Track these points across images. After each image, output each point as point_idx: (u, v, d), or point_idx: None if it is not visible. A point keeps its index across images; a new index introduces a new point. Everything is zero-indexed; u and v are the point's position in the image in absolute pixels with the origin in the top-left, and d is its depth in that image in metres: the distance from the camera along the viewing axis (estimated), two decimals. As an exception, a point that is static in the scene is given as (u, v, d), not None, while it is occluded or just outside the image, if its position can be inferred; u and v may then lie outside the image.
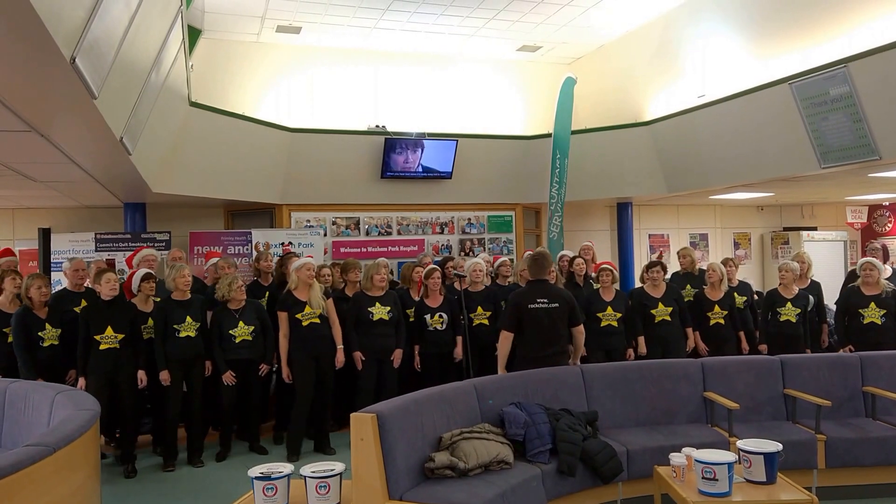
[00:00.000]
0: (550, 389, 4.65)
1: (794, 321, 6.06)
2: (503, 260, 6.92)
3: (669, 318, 6.01)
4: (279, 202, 8.32)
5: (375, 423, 3.52)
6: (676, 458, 3.75)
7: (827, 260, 10.37)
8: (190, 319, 5.36)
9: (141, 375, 5.27)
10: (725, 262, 6.58)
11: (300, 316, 5.47)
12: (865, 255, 6.92)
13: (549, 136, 8.80)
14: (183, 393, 5.54)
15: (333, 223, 8.69)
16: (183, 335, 5.33)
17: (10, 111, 3.56)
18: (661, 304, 6.02)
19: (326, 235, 8.54)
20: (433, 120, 9.57)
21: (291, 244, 7.67)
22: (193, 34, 8.11)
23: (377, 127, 8.85)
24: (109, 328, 5.13)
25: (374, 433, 3.50)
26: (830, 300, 6.65)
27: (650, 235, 10.77)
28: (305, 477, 3.24)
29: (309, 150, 8.20)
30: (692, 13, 8.06)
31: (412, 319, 6.07)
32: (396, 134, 8.55)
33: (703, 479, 3.48)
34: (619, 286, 6.36)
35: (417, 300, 6.15)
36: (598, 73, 9.78)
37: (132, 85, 4.23)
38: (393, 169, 8.52)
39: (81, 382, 5.03)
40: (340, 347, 5.65)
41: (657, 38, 8.68)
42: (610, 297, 6.08)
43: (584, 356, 6.00)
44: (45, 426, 3.93)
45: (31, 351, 5.10)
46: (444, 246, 9.11)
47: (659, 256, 7.75)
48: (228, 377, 5.48)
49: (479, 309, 6.12)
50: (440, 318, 5.97)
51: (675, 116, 8.01)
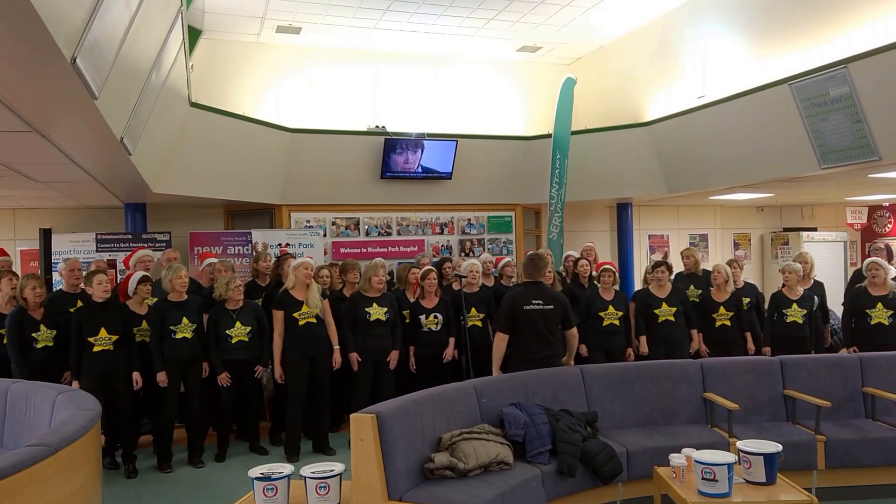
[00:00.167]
0: (550, 390, 4.65)
1: (800, 322, 6.01)
2: (507, 260, 6.93)
3: (673, 318, 5.99)
4: (279, 202, 8.32)
5: (375, 423, 3.53)
6: (676, 458, 3.75)
7: (827, 261, 10.36)
8: (186, 321, 5.36)
9: (136, 377, 5.26)
10: (730, 263, 6.56)
11: (297, 315, 5.47)
12: (868, 255, 6.89)
13: (549, 136, 8.80)
14: (181, 394, 5.55)
15: (333, 224, 8.69)
16: (179, 336, 5.33)
17: (10, 111, 3.56)
18: (665, 304, 6.02)
19: (326, 236, 8.54)
20: (433, 120, 9.57)
21: (288, 245, 7.67)
22: (193, 34, 8.11)
23: (377, 127, 8.85)
24: (103, 330, 5.10)
25: (373, 434, 3.50)
26: (831, 301, 6.65)
27: (650, 236, 10.77)
28: (305, 477, 3.24)
29: (309, 150, 8.20)
30: (692, 14, 8.06)
31: (408, 321, 6.06)
32: (396, 134, 8.55)
33: (702, 479, 3.48)
34: (618, 286, 6.36)
35: (413, 301, 6.14)
36: (598, 73, 9.78)
37: (132, 85, 4.23)
38: (393, 169, 8.52)
39: (75, 385, 4.98)
40: (337, 348, 5.66)
41: (657, 38, 8.68)
42: (610, 296, 6.09)
43: (584, 356, 6.04)
44: (46, 426, 3.93)
45: (24, 352, 5.06)
46: (444, 247, 9.11)
47: (665, 256, 7.74)
48: (224, 378, 5.48)
49: (472, 310, 6.12)
50: (435, 318, 5.96)
51: (675, 117, 8.01)
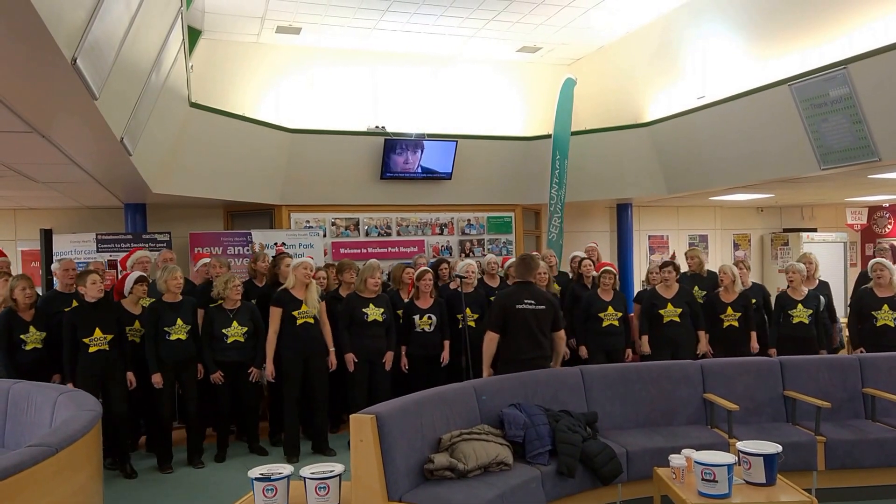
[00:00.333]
0: (550, 390, 4.65)
1: (806, 323, 5.93)
2: (513, 261, 6.92)
3: (678, 319, 5.97)
4: (279, 203, 8.32)
5: (375, 424, 3.53)
6: (676, 459, 3.75)
7: (827, 261, 10.33)
8: (181, 322, 5.34)
9: (130, 377, 5.24)
10: (737, 263, 6.53)
11: (296, 314, 5.46)
12: (873, 256, 6.86)
13: (548, 136, 8.80)
14: (179, 395, 5.54)
15: (333, 224, 8.69)
16: (174, 338, 5.31)
17: (11, 112, 3.56)
18: (670, 304, 6.00)
19: (326, 236, 8.54)
20: (433, 121, 9.57)
21: (284, 244, 7.66)
22: (193, 35, 8.11)
23: (377, 128, 8.85)
24: (98, 330, 5.07)
25: (373, 434, 3.50)
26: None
27: (650, 236, 10.77)
28: (305, 478, 3.24)
29: (308, 150, 8.20)
30: (692, 14, 8.07)
31: (401, 321, 6.03)
32: (396, 135, 8.55)
33: (702, 480, 3.48)
34: (618, 287, 6.36)
35: (407, 301, 6.12)
36: (598, 74, 9.79)
37: (133, 86, 4.23)
38: (392, 170, 8.53)
39: (70, 387, 4.88)
40: (332, 350, 5.65)
41: (657, 39, 8.68)
42: (609, 297, 6.09)
43: (585, 357, 6.04)
44: (47, 426, 3.94)
45: (12, 354, 5.01)
46: (444, 247, 9.11)
47: (673, 257, 7.73)
48: (217, 377, 5.48)
49: (467, 311, 6.11)
50: (429, 319, 5.94)
51: (675, 117, 8.01)
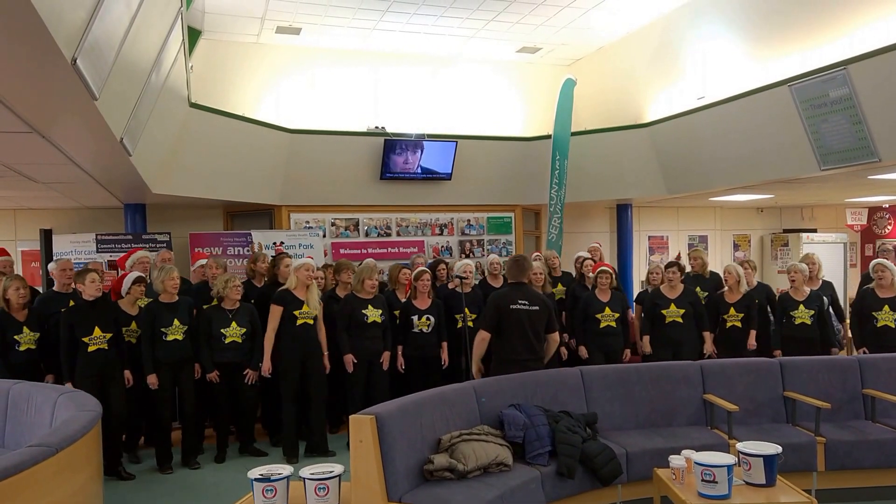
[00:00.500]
0: (550, 391, 4.65)
1: (809, 323, 5.91)
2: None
3: (681, 319, 5.97)
4: (278, 203, 8.32)
5: (374, 424, 3.53)
6: (676, 460, 3.75)
7: (826, 262, 10.32)
8: (177, 322, 5.34)
9: (127, 375, 5.23)
10: (743, 264, 6.52)
11: (297, 313, 5.46)
12: (875, 256, 6.86)
13: (548, 137, 8.80)
14: (177, 395, 5.54)
15: (333, 224, 8.69)
16: (171, 338, 5.31)
17: (11, 112, 3.56)
18: (673, 305, 6.01)
19: (325, 237, 8.54)
20: (433, 121, 9.57)
21: (283, 244, 7.66)
22: (193, 35, 8.11)
23: (377, 128, 8.85)
24: (97, 329, 5.05)
25: (373, 435, 3.50)
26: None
27: (650, 237, 10.77)
28: (304, 479, 3.24)
29: (308, 151, 8.20)
30: (692, 15, 8.07)
31: (398, 321, 6.02)
32: (396, 135, 8.55)
33: (702, 481, 3.48)
34: (615, 285, 6.35)
35: (404, 301, 6.11)
36: (597, 74, 9.79)
37: (132, 86, 4.23)
38: (392, 170, 8.52)
39: (68, 386, 4.89)
40: (326, 353, 5.65)
41: (657, 39, 8.68)
42: (606, 297, 6.09)
43: (584, 357, 6.04)
44: (47, 427, 3.94)
45: (5, 354, 4.99)
46: (443, 248, 9.11)
47: (678, 257, 7.73)
48: (213, 377, 5.47)
49: (466, 311, 6.09)
50: (427, 320, 5.93)
51: (674, 118, 8.01)
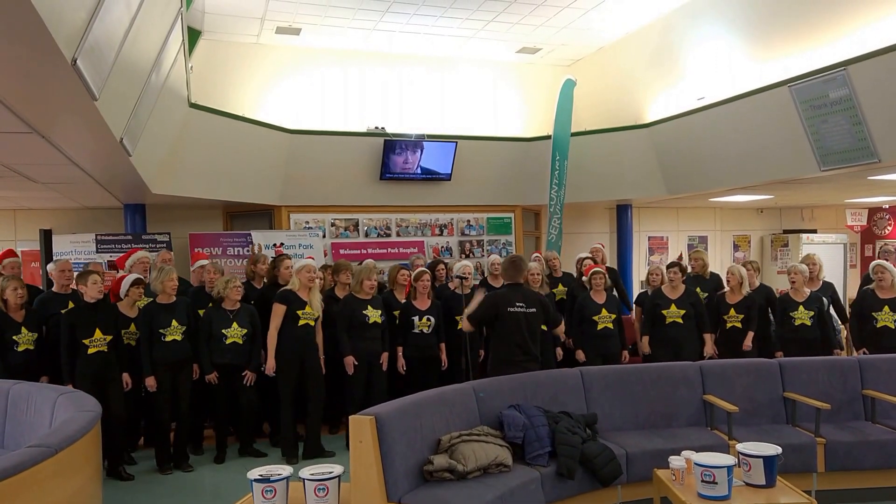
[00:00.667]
0: (550, 392, 4.65)
1: (808, 324, 5.88)
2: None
3: (682, 320, 5.96)
4: (278, 203, 8.32)
5: (374, 425, 3.53)
6: (676, 461, 3.74)
7: (827, 263, 10.32)
8: (176, 323, 5.32)
9: (126, 378, 5.22)
10: (746, 265, 6.50)
11: (300, 313, 5.45)
12: (877, 257, 6.84)
13: (548, 137, 8.80)
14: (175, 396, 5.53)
15: (332, 225, 8.69)
16: (169, 339, 5.29)
17: (11, 112, 3.56)
18: (674, 305, 6.00)
19: (325, 237, 8.54)
20: (432, 121, 9.58)
21: (283, 244, 7.66)
22: (193, 35, 8.11)
23: (377, 128, 8.85)
24: (98, 331, 5.04)
25: (372, 435, 3.50)
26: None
27: (650, 238, 10.77)
28: (304, 479, 3.24)
29: (308, 151, 8.20)
30: (692, 15, 8.07)
31: (398, 322, 6.01)
32: (396, 135, 8.55)
33: (702, 482, 3.48)
34: (608, 284, 6.37)
35: (404, 302, 6.10)
36: (597, 75, 9.79)
37: (132, 86, 4.23)
38: (392, 170, 8.53)
39: (69, 388, 4.89)
40: (322, 357, 5.64)
41: (657, 40, 8.68)
42: (602, 299, 6.08)
43: (582, 360, 6.03)
44: (46, 427, 3.93)
45: (3, 355, 4.98)
46: (443, 248, 9.11)
47: (680, 258, 7.74)
48: (213, 378, 5.47)
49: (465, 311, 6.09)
50: (428, 321, 5.92)
51: (674, 119, 8.02)
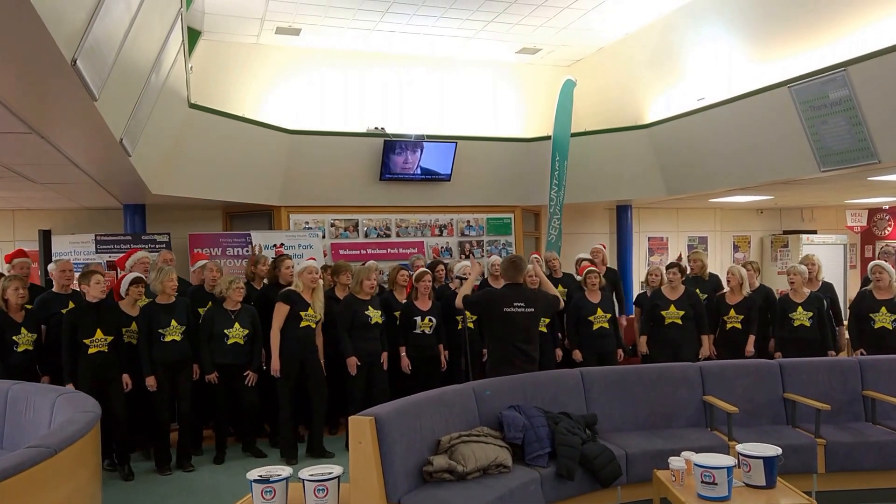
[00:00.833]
0: (549, 392, 4.64)
1: (807, 325, 5.88)
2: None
3: (681, 321, 5.96)
4: (278, 204, 8.32)
5: (374, 426, 3.52)
6: (676, 461, 3.74)
7: (826, 263, 10.32)
8: (175, 323, 5.32)
9: (126, 379, 5.22)
10: (746, 265, 6.50)
11: (303, 314, 5.45)
12: (877, 258, 6.83)
13: (548, 138, 8.80)
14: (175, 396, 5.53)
15: (332, 225, 8.68)
16: (168, 339, 5.29)
17: (10, 113, 3.56)
18: (673, 306, 6.00)
19: (325, 237, 8.54)
20: (432, 122, 9.58)
21: (283, 245, 7.66)
22: (193, 36, 8.11)
23: (377, 129, 8.85)
24: (99, 331, 5.04)
25: (372, 436, 3.50)
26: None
27: (650, 238, 10.78)
28: (304, 480, 3.24)
29: (308, 151, 8.20)
30: (692, 16, 8.07)
31: (398, 322, 6.01)
32: (395, 136, 8.55)
33: (702, 483, 3.47)
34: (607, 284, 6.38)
35: (405, 302, 6.09)
36: (597, 75, 9.79)
37: (132, 87, 4.23)
38: (392, 171, 8.52)
39: (70, 388, 4.87)
40: (322, 361, 5.65)
41: (656, 40, 8.68)
42: (597, 298, 6.08)
43: (579, 360, 6.03)
44: (46, 428, 3.93)
45: (3, 357, 4.98)
46: (443, 248, 9.11)
47: (679, 258, 7.74)
48: (213, 377, 5.46)
49: (467, 313, 6.08)
50: (430, 321, 5.92)
51: (674, 119, 8.01)
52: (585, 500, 4.17)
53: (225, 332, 5.47)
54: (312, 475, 3.24)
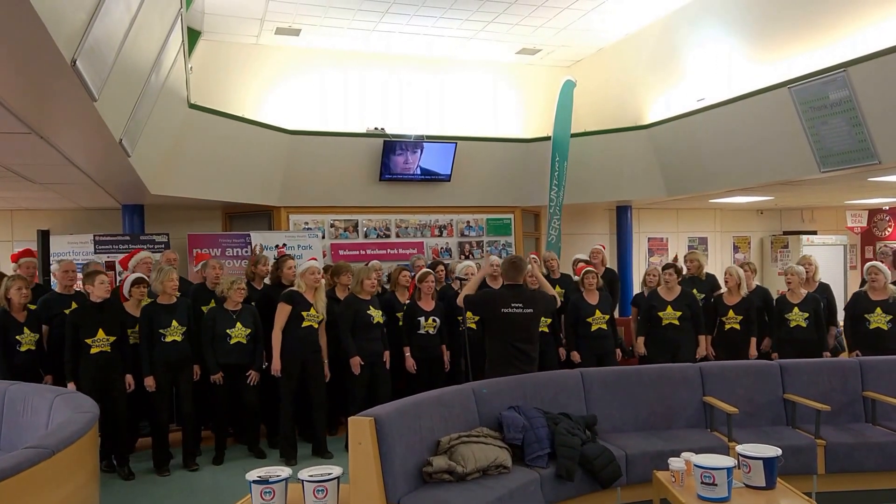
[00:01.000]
0: (549, 393, 4.64)
1: (803, 326, 5.88)
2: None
3: (678, 322, 5.96)
4: (277, 204, 8.31)
5: (373, 426, 3.52)
6: (675, 462, 3.74)
7: (827, 264, 10.34)
8: (176, 323, 5.31)
9: (129, 380, 5.22)
10: (743, 266, 6.49)
11: (304, 314, 5.45)
12: (875, 259, 6.83)
13: (548, 138, 8.80)
14: (176, 396, 5.52)
15: (332, 225, 8.68)
16: (169, 339, 5.28)
17: (10, 113, 3.55)
18: (669, 307, 5.99)
19: (325, 238, 8.53)
20: (432, 122, 9.58)
21: (286, 246, 7.65)
22: (193, 36, 8.10)
23: (376, 129, 8.85)
24: (101, 331, 5.04)
25: (371, 437, 3.49)
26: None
27: (650, 239, 10.77)
28: (303, 481, 3.23)
29: (308, 152, 8.20)
30: (691, 17, 8.07)
31: (401, 323, 6.00)
32: (395, 136, 8.54)
33: (702, 484, 3.47)
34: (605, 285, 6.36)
35: (408, 302, 6.08)
36: (597, 76, 9.79)
37: (132, 87, 4.22)
38: (392, 171, 8.52)
39: (71, 387, 4.90)
40: (326, 362, 5.63)
41: (656, 41, 8.68)
42: (595, 299, 6.06)
43: (577, 362, 6.01)
44: (43, 429, 3.92)
45: (7, 356, 4.98)
46: (443, 249, 9.10)
47: (675, 259, 7.74)
48: (218, 377, 5.46)
49: (468, 313, 6.06)
50: (434, 321, 5.91)
51: (674, 120, 8.02)
52: (585, 500, 4.16)
53: (227, 332, 5.47)
54: (312, 476, 3.23)
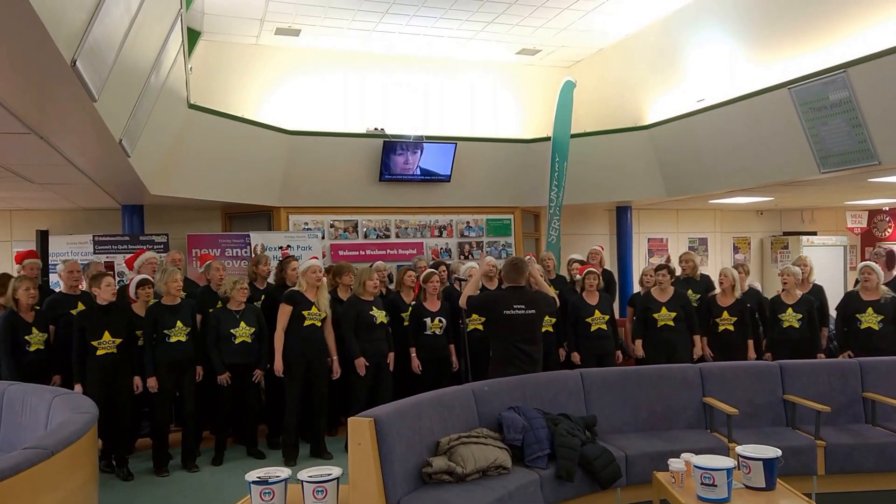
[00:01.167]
0: (549, 393, 4.64)
1: (797, 326, 5.91)
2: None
3: (673, 322, 5.97)
4: (277, 205, 8.31)
5: (373, 427, 3.52)
6: (675, 463, 3.74)
7: (827, 265, 10.37)
8: (180, 324, 5.32)
9: (136, 381, 5.23)
10: (737, 267, 6.51)
11: (306, 314, 5.44)
12: (869, 259, 6.84)
13: (548, 139, 8.80)
14: (176, 397, 5.52)
15: (331, 226, 8.67)
16: (174, 340, 5.29)
17: (9, 113, 3.55)
18: (664, 308, 6.00)
19: (324, 238, 8.53)
20: (432, 122, 9.58)
21: (290, 247, 7.65)
22: (193, 36, 8.10)
23: (376, 130, 8.84)
24: (107, 333, 5.07)
25: (371, 437, 3.49)
26: (832, 306, 6.61)
27: (649, 239, 10.77)
28: (303, 481, 3.23)
29: (307, 152, 8.19)
30: (691, 17, 8.07)
31: (406, 323, 5.99)
32: (395, 137, 8.54)
33: (702, 484, 3.47)
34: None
35: (414, 303, 6.08)
36: (597, 76, 9.79)
37: (132, 87, 4.22)
38: (392, 171, 8.52)
39: (78, 388, 4.94)
40: (336, 358, 5.62)
41: (657, 42, 8.68)
42: (595, 300, 6.07)
43: (577, 362, 6.01)
44: (42, 429, 3.92)
45: (16, 356, 5.01)
46: (443, 249, 9.10)
47: (667, 260, 7.74)
48: (225, 378, 5.45)
49: (473, 314, 6.05)
50: (440, 322, 5.91)
51: (674, 120, 8.01)
52: (585, 501, 4.16)
53: (231, 332, 5.48)
54: (311, 476, 3.24)
